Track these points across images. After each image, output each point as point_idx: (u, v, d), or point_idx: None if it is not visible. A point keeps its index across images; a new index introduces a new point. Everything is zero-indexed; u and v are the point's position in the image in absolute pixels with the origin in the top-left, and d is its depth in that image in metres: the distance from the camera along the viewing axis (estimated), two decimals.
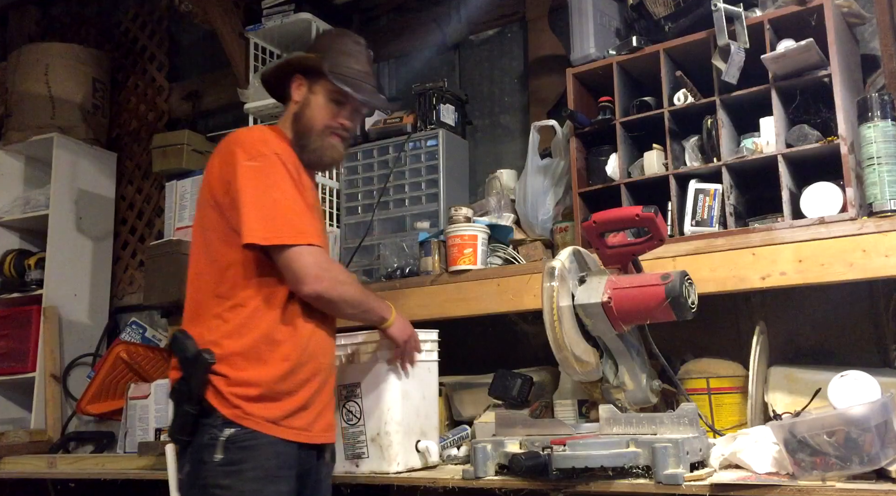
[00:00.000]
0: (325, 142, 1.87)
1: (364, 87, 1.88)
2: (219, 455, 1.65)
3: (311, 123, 1.86)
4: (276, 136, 1.84)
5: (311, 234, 1.74)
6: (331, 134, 1.87)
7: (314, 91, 1.87)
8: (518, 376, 2.14)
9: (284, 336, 1.74)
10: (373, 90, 1.92)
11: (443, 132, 2.71)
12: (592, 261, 1.89)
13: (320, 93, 1.86)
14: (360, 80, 1.88)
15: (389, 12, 3.27)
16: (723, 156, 2.11)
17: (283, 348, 1.73)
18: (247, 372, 1.70)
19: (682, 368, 2.07)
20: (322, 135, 1.86)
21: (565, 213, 2.47)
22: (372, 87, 1.92)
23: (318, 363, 1.80)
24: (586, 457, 1.66)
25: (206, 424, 1.67)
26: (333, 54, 1.88)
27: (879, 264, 1.77)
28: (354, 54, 1.91)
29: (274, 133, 1.86)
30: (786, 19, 2.08)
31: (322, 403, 1.81)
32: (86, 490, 2.82)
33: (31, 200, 3.58)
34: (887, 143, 1.87)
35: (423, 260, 2.47)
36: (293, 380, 1.74)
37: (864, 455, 1.46)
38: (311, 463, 1.81)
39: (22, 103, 3.61)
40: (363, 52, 1.94)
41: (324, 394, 1.82)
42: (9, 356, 3.41)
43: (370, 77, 1.93)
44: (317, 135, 1.86)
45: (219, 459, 1.65)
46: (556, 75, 2.73)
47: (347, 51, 1.90)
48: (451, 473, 1.95)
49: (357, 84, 1.87)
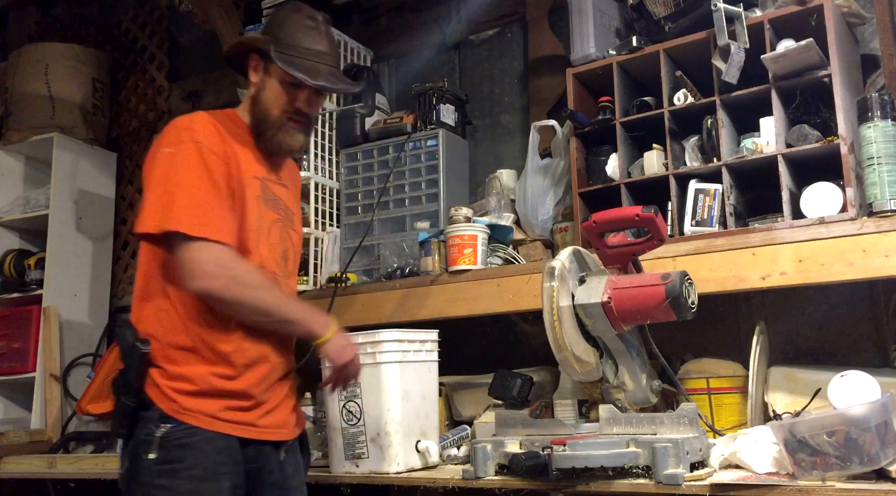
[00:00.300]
0: (282, 129, 1.76)
1: (319, 70, 1.74)
2: (153, 454, 1.58)
3: (266, 109, 1.75)
4: (210, 121, 1.70)
5: (214, 229, 1.60)
6: (287, 120, 1.75)
7: (270, 72, 1.75)
8: (518, 376, 2.14)
9: (225, 331, 1.66)
10: (330, 71, 1.76)
11: (443, 132, 2.71)
12: (592, 261, 1.89)
13: (275, 75, 1.74)
14: (316, 61, 1.74)
15: (389, 12, 3.27)
16: (723, 156, 2.11)
17: (222, 344, 1.65)
18: (184, 367, 1.63)
19: (682, 368, 2.07)
20: (278, 121, 1.75)
21: (565, 213, 2.47)
22: (329, 67, 1.76)
23: (264, 358, 1.71)
24: (586, 457, 1.66)
25: (144, 418, 1.61)
26: (286, 33, 1.74)
27: (879, 264, 1.77)
28: (309, 32, 1.75)
29: (215, 118, 1.73)
30: (786, 19, 2.08)
31: (275, 399, 1.73)
32: (86, 490, 2.82)
33: (31, 200, 3.58)
34: (887, 143, 1.87)
35: (423, 260, 2.47)
36: (234, 375, 1.66)
37: (864, 455, 1.46)
38: (265, 460, 1.73)
39: (22, 103, 3.61)
40: (320, 28, 1.77)
41: (277, 390, 1.74)
42: (9, 356, 3.41)
43: (328, 56, 1.77)
44: (273, 121, 1.75)
45: (154, 458, 1.58)
46: (556, 75, 2.72)
47: (301, 28, 1.75)
48: (451, 473, 1.95)
49: (311, 66, 1.72)
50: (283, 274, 1.80)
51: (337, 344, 1.74)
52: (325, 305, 2.34)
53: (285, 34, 1.74)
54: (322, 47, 1.76)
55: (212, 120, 1.71)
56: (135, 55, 3.96)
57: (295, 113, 1.76)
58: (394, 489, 2.13)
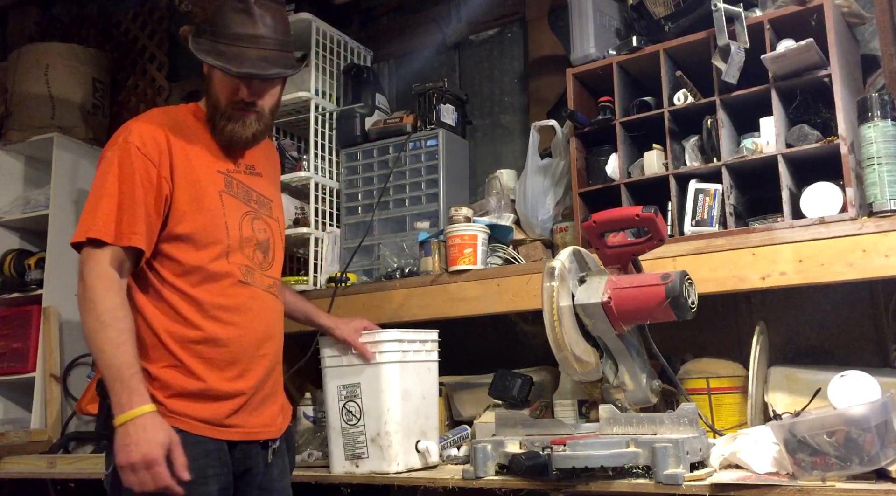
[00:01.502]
0: (232, 119, 1.70)
1: (246, 56, 1.63)
2: None
3: (215, 101, 1.71)
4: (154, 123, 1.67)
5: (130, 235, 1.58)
6: (235, 110, 1.70)
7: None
8: (518, 376, 2.14)
9: (200, 333, 1.64)
10: (261, 55, 1.65)
11: (443, 132, 2.71)
12: (592, 261, 1.89)
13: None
14: (245, 46, 1.64)
15: (389, 12, 3.27)
16: (723, 156, 2.11)
17: (199, 346, 1.64)
18: (164, 370, 1.61)
19: (682, 368, 2.07)
20: (227, 113, 1.70)
21: (565, 213, 2.47)
22: (262, 51, 1.65)
23: (246, 356, 1.69)
24: (586, 457, 1.66)
25: None
26: (218, 20, 1.66)
27: (879, 264, 1.77)
28: (238, 16, 1.65)
29: (168, 117, 1.71)
30: (786, 19, 2.08)
31: (261, 396, 1.72)
32: (86, 490, 2.82)
33: (31, 200, 3.57)
34: (887, 143, 1.87)
35: (423, 260, 2.47)
36: (217, 376, 1.64)
37: (864, 455, 1.46)
38: (253, 462, 1.71)
39: (22, 103, 3.61)
40: (251, 10, 1.66)
41: (263, 387, 1.72)
42: (9, 356, 3.41)
43: (262, 40, 1.66)
44: (222, 113, 1.70)
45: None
46: (556, 75, 2.72)
47: (230, 13, 1.66)
48: (451, 473, 1.95)
49: (237, 54, 1.63)
50: (261, 267, 1.76)
51: (129, 438, 1.47)
52: (325, 305, 2.35)
53: (218, 21, 1.67)
54: (253, 31, 1.66)
55: (157, 121, 1.69)
56: (135, 55, 3.96)
57: (240, 103, 1.69)
58: (394, 489, 2.14)
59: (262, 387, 1.73)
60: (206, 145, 1.74)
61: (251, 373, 1.71)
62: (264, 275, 1.77)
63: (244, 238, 1.73)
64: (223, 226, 1.69)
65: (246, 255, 1.73)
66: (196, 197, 1.67)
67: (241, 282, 1.71)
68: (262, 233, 1.78)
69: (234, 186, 1.75)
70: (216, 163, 1.73)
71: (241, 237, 1.72)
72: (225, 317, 1.68)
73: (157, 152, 1.64)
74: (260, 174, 1.83)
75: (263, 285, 1.77)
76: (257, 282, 1.75)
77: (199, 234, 1.66)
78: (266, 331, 1.75)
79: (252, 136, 1.74)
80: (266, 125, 1.77)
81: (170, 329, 1.64)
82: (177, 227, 1.66)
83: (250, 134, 1.73)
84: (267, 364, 1.75)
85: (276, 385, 1.80)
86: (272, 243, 1.81)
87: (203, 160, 1.71)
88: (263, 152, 1.88)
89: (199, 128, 1.75)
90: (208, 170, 1.71)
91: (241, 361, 1.69)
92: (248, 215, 1.76)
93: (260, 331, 1.73)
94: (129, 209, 1.59)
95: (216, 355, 1.66)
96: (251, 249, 1.75)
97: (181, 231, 1.66)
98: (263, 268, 1.77)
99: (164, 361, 1.63)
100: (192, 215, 1.66)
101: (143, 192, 1.61)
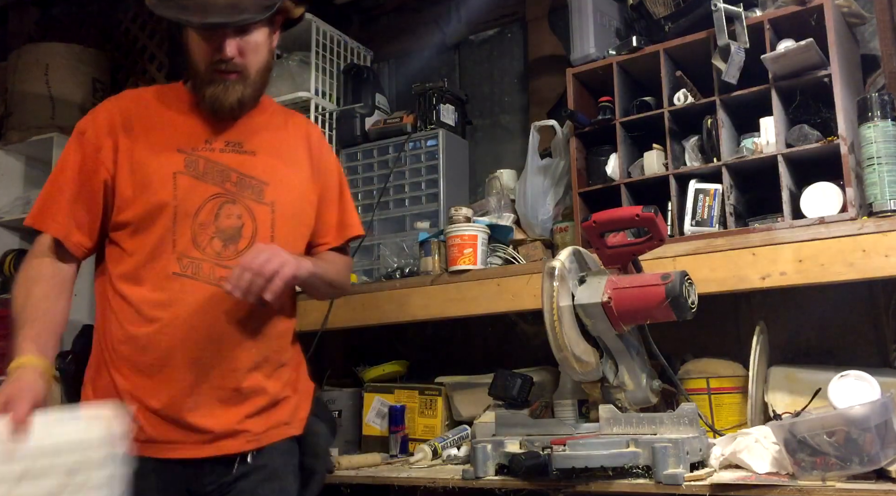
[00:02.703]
0: (213, 83, 1.56)
1: (211, 5, 1.49)
2: None
3: (195, 66, 1.57)
4: (114, 104, 1.61)
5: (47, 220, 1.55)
6: (215, 73, 1.55)
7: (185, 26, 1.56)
8: (518, 376, 2.14)
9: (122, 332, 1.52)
10: (229, 2, 1.50)
11: (443, 132, 2.71)
12: (592, 261, 1.89)
13: (188, 27, 1.56)
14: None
15: (389, 12, 3.27)
16: (723, 156, 2.11)
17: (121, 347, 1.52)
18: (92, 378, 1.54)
19: (682, 368, 2.07)
20: (207, 76, 1.56)
21: (565, 213, 2.47)
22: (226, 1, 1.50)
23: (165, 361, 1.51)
24: (586, 457, 1.66)
25: None
26: None
27: (879, 264, 1.77)
28: None
29: (136, 95, 1.65)
30: (786, 19, 2.08)
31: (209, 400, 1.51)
32: None
33: (31, 200, 3.51)
34: (887, 143, 1.87)
35: (423, 260, 2.47)
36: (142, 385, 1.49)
37: (864, 455, 1.46)
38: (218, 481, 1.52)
39: (22, 103, 3.61)
40: None
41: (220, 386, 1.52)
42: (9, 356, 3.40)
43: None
44: (203, 77, 1.57)
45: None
46: (556, 75, 2.72)
47: None
48: (451, 473, 1.95)
49: (201, 4, 1.49)
50: (217, 258, 1.55)
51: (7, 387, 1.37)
52: (324, 306, 2.34)
53: None
54: None
55: (119, 103, 1.62)
56: (135, 55, 3.95)
57: (220, 62, 1.54)
58: (394, 489, 2.13)
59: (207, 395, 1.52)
60: (178, 123, 1.60)
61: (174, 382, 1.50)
62: (220, 265, 1.54)
63: (198, 224, 1.54)
64: (170, 211, 1.53)
65: (197, 245, 1.54)
66: (142, 181, 1.54)
67: (174, 275, 1.52)
68: (231, 219, 1.57)
69: (200, 166, 1.57)
70: (181, 141, 1.57)
71: (193, 224, 1.54)
72: (148, 313, 1.52)
73: (102, 135, 1.56)
74: (252, 152, 1.63)
75: (212, 278, 1.54)
76: (202, 275, 1.53)
77: (140, 221, 1.53)
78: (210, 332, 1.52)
79: (237, 101, 1.58)
80: (254, 89, 1.61)
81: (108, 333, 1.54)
82: (120, 214, 1.55)
83: (234, 99, 1.57)
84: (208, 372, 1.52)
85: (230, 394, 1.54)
86: (248, 232, 1.58)
87: (164, 139, 1.57)
88: (270, 128, 1.69)
89: (176, 105, 1.62)
90: (166, 149, 1.56)
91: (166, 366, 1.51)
92: (217, 199, 1.56)
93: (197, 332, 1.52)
94: (54, 196, 1.56)
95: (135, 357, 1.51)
96: (206, 238, 1.55)
97: (123, 218, 1.55)
98: (221, 259, 1.55)
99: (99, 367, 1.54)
100: (136, 201, 1.53)
101: (73, 178, 1.56)
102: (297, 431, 1.64)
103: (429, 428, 2.41)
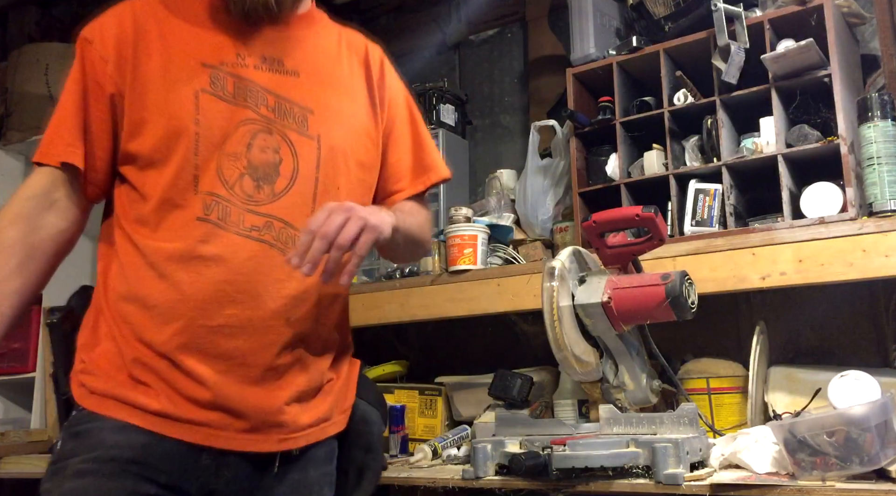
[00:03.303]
0: None
1: None
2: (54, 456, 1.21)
3: None
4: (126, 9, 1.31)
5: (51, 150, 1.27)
6: None
7: None
8: (518, 376, 2.14)
9: (126, 287, 1.25)
10: None
11: (443, 132, 2.71)
12: (592, 261, 1.89)
13: None
14: None
15: (389, 12, 3.27)
16: (723, 156, 2.11)
17: (122, 304, 1.25)
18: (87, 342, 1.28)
19: (682, 368, 2.07)
20: None
21: (565, 213, 2.47)
22: None
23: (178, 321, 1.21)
24: (586, 457, 1.66)
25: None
26: None
27: (879, 264, 1.77)
28: None
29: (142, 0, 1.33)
30: (786, 19, 2.08)
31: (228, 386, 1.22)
32: None
33: None
34: (887, 143, 1.87)
35: (423, 260, 2.47)
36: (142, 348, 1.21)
37: (864, 455, 1.46)
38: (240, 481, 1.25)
39: (22, 103, 3.61)
40: None
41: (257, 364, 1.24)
42: (9, 356, 3.41)
43: None
44: None
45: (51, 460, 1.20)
46: (556, 75, 2.72)
47: None
48: (451, 473, 1.95)
49: None
50: (248, 201, 1.26)
51: None
52: None
53: None
54: None
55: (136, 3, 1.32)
56: None
57: None
58: (394, 489, 2.13)
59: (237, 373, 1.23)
60: (203, 32, 1.30)
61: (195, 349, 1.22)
62: (251, 212, 1.25)
63: (226, 155, 1.25)
64: (191, 138, 1.23)
65: (224, 182, 1.24)
66: (156, 101, 1.24)
67: (198, 220, 1.23)
68: (267, 152, 1.27)
69: (228, 85, 1.27)
70: (206, 53, 1.28)
71: (220, 155, 1.24)
72: (163, 269, 1.22)
73: (111, 43, 1.28)
74: (294, 72, 1.34)
75: (242, 227, 1.24)
76: (231, 223, 1.24)
77: (154, 151, 1.24)
78: (233, 293, 1.22)
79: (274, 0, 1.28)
80: None
81: (111, 289, 1.27)
82: (130, 141, 1.26)
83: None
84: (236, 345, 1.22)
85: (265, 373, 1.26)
86: (287, 170, 1.28)
87: (185, 51, 1.27)
88: (318, 43, 1.40)
89: (201, 10, 1.32)
90: (188, 62, 1.26)
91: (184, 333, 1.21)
92: (249, 125, 1.27)
93: (220, 294, 1.22)
94: (67, 119, 1.28)
95: (140, 320, 1.22)
96: (235, 174, 1.25)
97: (134, 148, 1.26)
98: (253, 203, 1.26)
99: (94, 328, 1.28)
100: (149, 125, 1.25)
101: (86, 96, 1.28)
102: (339, 428, 1.39)
103: (429, 428, 2.41)
